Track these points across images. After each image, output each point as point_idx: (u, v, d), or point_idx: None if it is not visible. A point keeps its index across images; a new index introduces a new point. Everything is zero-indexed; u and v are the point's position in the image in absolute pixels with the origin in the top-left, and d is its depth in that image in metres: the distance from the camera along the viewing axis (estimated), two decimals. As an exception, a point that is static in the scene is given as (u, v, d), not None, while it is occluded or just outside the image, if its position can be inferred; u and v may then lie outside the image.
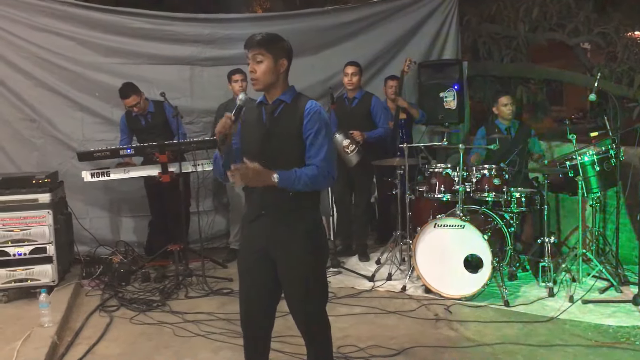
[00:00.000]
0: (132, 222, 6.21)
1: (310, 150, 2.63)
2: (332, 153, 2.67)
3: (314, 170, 2.59)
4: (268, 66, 2.61)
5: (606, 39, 7.72)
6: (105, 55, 6.03)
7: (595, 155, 4.76)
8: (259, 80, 2.62)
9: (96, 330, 4.24)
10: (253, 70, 2.61)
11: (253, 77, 2.62)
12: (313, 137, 2.62)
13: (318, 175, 2.59)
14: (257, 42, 2.60)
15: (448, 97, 6.50)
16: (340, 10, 6.66)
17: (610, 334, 3.92)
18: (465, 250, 4.55)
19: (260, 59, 2.60)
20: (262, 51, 2.60)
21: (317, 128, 2.62)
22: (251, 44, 2.61)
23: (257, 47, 2.60)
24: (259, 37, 2.62)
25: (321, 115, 2.66)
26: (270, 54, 2.61)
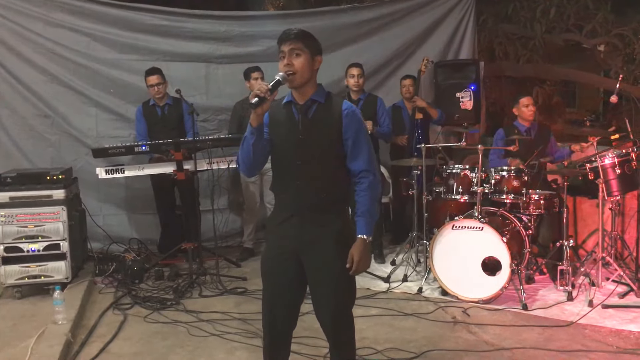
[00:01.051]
0: (145, 220, 6.18)
1: (353, 153, 2.61)
2: (373, 153, 2.67)
3: (366, 190, 2.62)
4: (306, 61, 2.55)
5: (624, 40, 7.63)
6: (120, 51, 6.03)
7: (616, 158, 4.68)
8: (297, 74, 2.53)
9: (110, 328, 4.21)
10: (290, 64, 2.52)
11: (290, 70, 2.52)
12: (354, 139, 2.59)
13: (372, 191, 2.63)
14: (295, 36, 2.53)
15: (465, 97, 6.44)
16: (356, 9, 6.62)
17: (632, 340, 3.85)
18: (483, 252, 4.49)
19: (298, 52, 2.53)
20: (301, 46, 2.53)
21: (356, 129, 2.60)
22: (288, 38, 2.54)
23: (295, 41, 2.53)
24: (296, 31, 2.55)
25: (359, 116, 2.63)
26: (308, 50, 2.56)
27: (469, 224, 4.54)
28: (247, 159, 2.66)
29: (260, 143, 2.61)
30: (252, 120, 2.53)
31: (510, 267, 4.37)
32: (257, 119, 2.52)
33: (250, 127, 2.56)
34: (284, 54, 2.55)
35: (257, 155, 2.62)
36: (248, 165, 2.69)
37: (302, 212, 2.64)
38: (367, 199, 2.61)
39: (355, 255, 2.55)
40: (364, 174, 2.62)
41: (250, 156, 2.62)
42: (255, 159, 2.64)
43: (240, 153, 2.68)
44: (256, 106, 2.45)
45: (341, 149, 2.62)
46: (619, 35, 7.54)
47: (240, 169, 2.77)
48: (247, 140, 2.61)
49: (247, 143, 2.61)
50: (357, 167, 2.62)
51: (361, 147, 2.62)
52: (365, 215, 2.60)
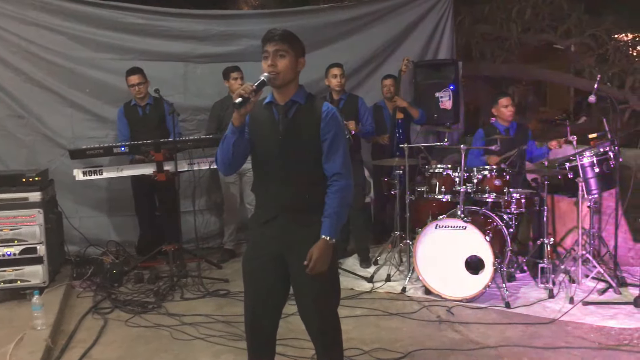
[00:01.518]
0: (123, 221, 6.07)
1: (328, 155, 2.59)
2: (348, 157, 2.64)
3: (336, 192, 2.59)
4: (290, 62, 2.54)
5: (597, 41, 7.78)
6: (96, 50, 5.91)
7: (595, 157, 4.76)
8: (280, 74, 2.52)
9: (90, 333, 4.13)
10: (274, 64, 2.51)
11: (273, 71, 2.51)
12: (331, 141, 2.58)
13: (343, 194, 2.60)
14: (280, 37, 2.52)
15: (444, 97, 6.47)
16: (335, 8, 6.60)
17: (613, 336, 3.91)
18: (466, 251, 4.52)
19: (282, 53, 2.52)
20: (285, 47, 2.52)
21: (334, 132, 2.58)
22: (273, 38, 2.52)
23: (281, 42, 2.52)
24: (281, 31, 2.54)
25: (338, 118, 2.62)
26: (292, 51, 2.54)
27: (452, 223, 4.56)
28: (226, 158, 2.63)
29: (241, 142, 2.59)
30: (235, 120, 2.51)
31: (493, 265, 4.40)
32: (240, 118, 2.50)
33: (232, 126, 2.54)
34: (267, 54, 2.53)
35: (236, 154, 2.60)
36: (227, 164, 2.66)
37: (285, 212, 2.62)
38: (336, 201, 2.58)
39: (314, 253, 2.52)
40: (337, 177, 2.60)
41: (229, 155, 2.60)
42: (235, 158, 2.61)
43: (220, 151, 2.65)
44: (240, 106, 2.43)
45: (320, 149, 2.60)
46: (593, 35, 7.69)
47: (218, 167, 2.74)
48: (228, 139, 2.58)
49: (227, 142, 2.59)
50: (331, 169, 2.61)
51: (337, 150, 2.60)
52: (332, 216, 2.57)
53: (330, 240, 2.55)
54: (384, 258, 5.42)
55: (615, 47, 7.54)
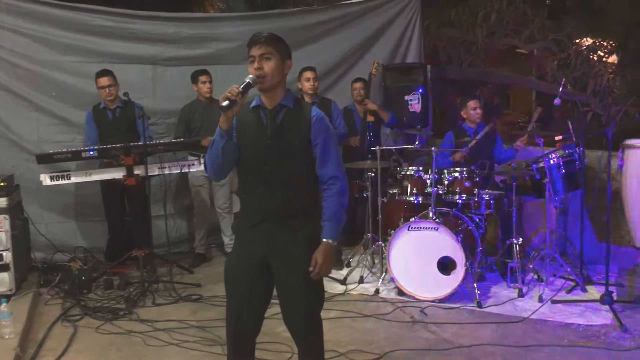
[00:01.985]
0: (91, 227, 5.95)
1: (322, 160, 2.60)
2: (341, 159, 2.67)
3: (334, 195, 2.61)
4: (277, 65, 2.53)
5: (559, 45, 7.97)
6: (63, 53, 5.79)
7: (561, 159, 4.88)
8: (267, 77, 2.50)
9: (60, 341, 4.04)
10: (260, 67, 2.50)
11: (260, 74, 2.49)
12: (322, 145, 2.59)
13: (341, 196, 2.62)
14: (265, 40, 2.51)
15: (413, 100, 6.55)
16: (305, 12, 6.63)
17: (581, 332, 4.02)
18: (438, 252, 4.58)
19: (269, 56, 2.51)
20: (271, 50, 2.51)
21: (324, 136, 2.60)
22: (259, 41, 2.51)
23: (267, 45, 2.51)
24: (267, 34, 2.53)
25: (327, 122, 2.64)
26: (279, 54, 2.54)
27: (424, 224, 4.62)
28: (216, 163, 2.61)
29: (230, 146, 2.57)
30: (222, 123, 2.49)
31: (465, 266, 4.47)
32: (227, 122, 2.49)
33: (220, 130, 2.52)
34: (253, 58, 2.52)
35: (226, 158, 2.58)
36: (216, 170, 2.64)
37: (271, 217, 2.62)
38: (335, 204, 2.61)
39: (319, 258, 2.54)
40: (333, 180, 2.62)
41: (219, 160, 2.58)
42: (225, 162, 2.59)
43: (209, 157, 2.63)
44: (227, 109, 2.42)
45: (310, 154, 2.61)
46: (555, 40, 7.87)
47: (207, 173, 2.71)
48: (217, 144, 2.56)
49: (216, 147, 2.56)
50: (326, 173, 2.62)
51: (330, 154, 2.62)
52: (332, 219, 2.60)
53: (332, 243, 2.58)
54: (356, 260, 5.46)
55: (577, 52, 7.74)
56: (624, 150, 4.26)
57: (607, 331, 3.99)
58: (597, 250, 5.51)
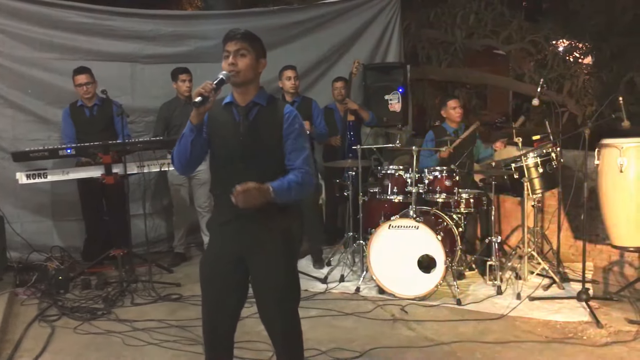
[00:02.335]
0: (68, 226, 5.87)
1: (290, 155, 2.59)
2: (311, 157, 2.66)
3: (299, 176, 2.56)
4: (251, 61, 2.54)
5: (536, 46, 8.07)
6: (39, 50, 5.70)
7: (539, 158, 4.94)
8: (241, 73, 2.51)
9: (38, 341, 3.98)
10: (234, 63, 2.50)
11: (233, 69, 2.50)
12: (293, 141, 2.59)
13: (304, 182, 2.57)
14: (241, 36, 2.52)
15: (393, 99, 6.59)
16: (285, 11, 6.62)
17: (559, 329, 4.07)
18: (419, 250, 4.61)
19: (244, 52, 2.51)
20: (247, 46, 2.52)
21: (296, 133, 2.60)
22: (234, 37, 2.52)
23: (242, 41, 2.51)
24: (243, 31, 2.54)
25: (299, 119, 2.65)
26: (254, 51, 2.55)
27: (404, 223, 4.64)
28: (183, 157, 2.60)
29: (199, 141, 2.56)
30: (193, 118, 2.50)
31: (445, 264, 4.50)
32: (199, 117, 2.49)
33: (190, 124, 2.52)
34: (228, 53, 2.53)
35: (194, 153, 2.58)
36: (184, 163, 2.64)
37: (245, 213, 2.58)
38: (296, 179, 2.54)
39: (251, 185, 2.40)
40: (300, 170, 2.58)
41: (187, 154, 2.57)
42: (193, 157, 2.59)
43: (177, 150, 2.62)
44: (199, 105, 2.43)
45: (282, 151, 2.61)
46: (532, 41, 7.97)
47: (174, 167, 2.71)
48: (186, 138, 2.55)
49: (185, 140, 2.56)
50: (294, 164, 2.60)
51: (300, 150, 2.60)
52: (284, 181, 2.51)
53: (272, 191, 2.45)
54: (337, 259, 5.47)
55: (554, 53, 7.85)
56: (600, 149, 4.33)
57: (583, 327, 4.05)
58: (574, 248, 5.60)
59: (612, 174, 4.21)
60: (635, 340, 3.81)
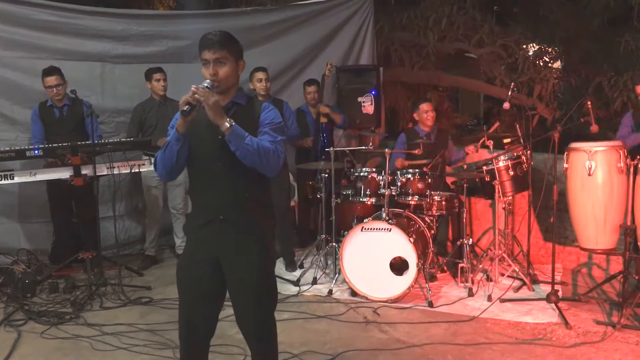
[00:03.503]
0: (35, 228, 5.73)
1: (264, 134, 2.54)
2: (283, 146, 2.59)
3: (267, 144, 2.49)
4: (231, 68, 2.51)
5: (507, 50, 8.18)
6: (4, 48, 5.55)
7: (509, 161, 5.00)
8: (222, 83, 2.49)
9: (3, 346, 3.88)
10: (215, 73, 2.47)
11: (214, 79, 2.47)
12: (267, 127, 2.56)
13: (270, 150, 2.47)
14: (219, 44, 2.46)
15: (366, 102, 6.60)
16: (258, 12, 6.58)
17: (529, 330, 4.12)
18: (391, 253, 4.61)
19: (223, 61, 2.48)
20: (225, 54, 2.48)
21: (271, 120, 2.58)
22: (211, 45, 2.47)
23: (220, 49, 2.47)
24: (219, 37, 2.49)
25: (277, 113, 2.63)
26: (233, 56, 2.51)
27: (377, 225, 4.64)
28: (169, 166, 2.56)
29: (185, 150, 2.54)
30: (180, 127, 2.46)
31: (417, 266, 4.52)
32: (186, 125, 2.46)
33: (177, 133, 2.48)
34: (207, 63, 2.49)
35: (180, 161, 2.55)
36: (169, 171, 2.60)
37: (222, 216, 2.58)
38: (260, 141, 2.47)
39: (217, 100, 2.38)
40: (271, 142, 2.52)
41: (173, 162, 2.54)
42: (178, 164, 2.56)
43: (162, 158, 2.57)
44: (187, 114, 2.39)
45: None
46: (503, 45, 8.08)
47: (158, 173, 2.66)
48: (172, 147, 2.51)
49: (171, 149, 2.52)
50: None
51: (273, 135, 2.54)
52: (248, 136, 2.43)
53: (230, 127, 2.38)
54: (309, 261, 5.45)
55: (524, 57, 7.97)
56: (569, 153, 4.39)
57: (553, 329, 4.10)
58: (543, 250, 5.68)
59: (580, 177, 4.26)
60: (602, 340, 3.87)
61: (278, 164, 2.52)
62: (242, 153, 2.43)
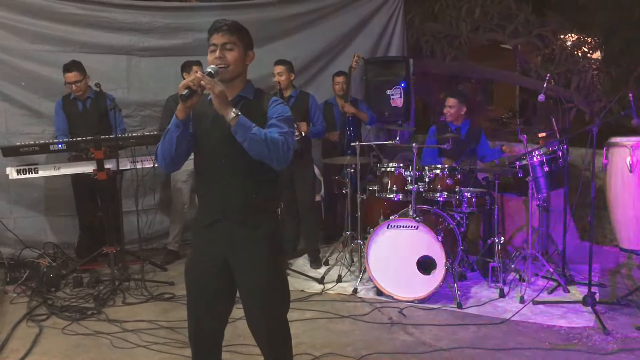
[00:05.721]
0: (62, 222, 5.76)
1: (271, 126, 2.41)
2: (293, 137, 2.46)
3: (276, 135, 2.36)
4: (239, 55, 2.41)
5: (544, 41, 7.89)
6: (32, 41, 5.59)
7: (544, 156, 4.78)
8: (229, 67, 2.39)
9: (24, 342, 3.86)
10: (222, 57, 2.37)
11: (222, 63, 2.37)
12: (276, 120, 2.43)
13: (278, 141, 2.33)
14: (228, 29, 2.38)
15: (395, 94, 6.43)
16: (286, 3, 6.45)
17: (563, 335, 3.92)
18: (418, 251, 4.46)
19: (230, 46, 2.38)
20: (234, 39, 2.39)
21: (279, 113, 2.45)
22: (221, 29, 2.38)
23: (229, 34, 2.38)
24: (229, 22, 2.40)
25: (285, 107, 2.50)
26: (242, 43, 2.42)
27: (404, 222, 4.49)
28: (167, 153, 2.46)
29: (185, 137, 2.43)
30: (179, 112, 2.36)
31: (445, 265, 4.35)
32: (185, 111, 2.35)
33: (176, 119, 2.38)
34: (215, 46, 2.39)
35: (179, 149, 2.44)
36: (168, 160, 2.49)
37: (230, 214, 2.48)
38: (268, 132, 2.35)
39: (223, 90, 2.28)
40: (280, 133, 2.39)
41: (172, 150, 2.43)
42: (178, 153, 2.45)
43: (161, 146, 2.48)
44: (186, 98, 2.28)
45: None
46: (539, 35, 7.79)
47: (158, 163, 2.57)
48: (171, 133, 2.42)
49: (170, 136, 2.42)
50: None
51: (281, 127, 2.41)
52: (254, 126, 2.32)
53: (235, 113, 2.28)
54: (334, 258, 5.32)
55: (561, 48, 7.66)
56: (608, 148, 4.16)
57: (589, 334, 3.90)
58: (580, 250, 5.44)
59: (620, 173, 4.05)
60: (642, 347, 3.65)
61: (287, 155, 2.38)
62: (250, 144, 2.30)
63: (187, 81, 2.27)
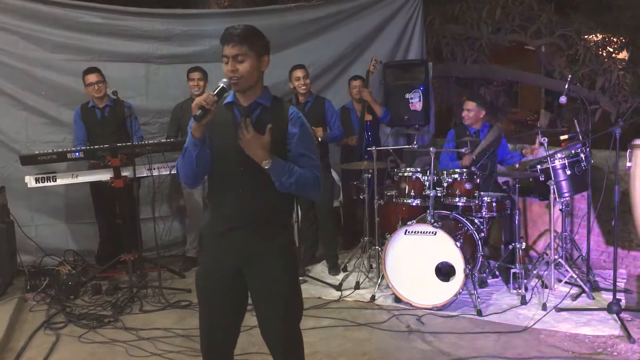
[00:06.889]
0: (81, 230, 5.80)
1: (300, 159, 2.42)
2: (318, 161, 2.47)
3: (306, 172, 2.39)
4: (252, 65, 2.35)
5: (567, 41, 7.72)
6: (52, 51, 5.64)
7: (566, 159, 4.66)
8: (242, 79, 2.34)
9: (41, 350, 3.88)
10: (234, 69, 2.32)
11: (234, 76, 2.33)
12: (298, 143, 2.41)
13: (310, 179, 2.39)
14: (238, 39, 2.31)
15: (414, 98, 6.34)
16: (303, 8, 6.41)
17: (587, 344, 3.80)
18: (436, 257, 4.37)
19: (242, 58, 2.32)
20: (245, 49, 2.32)
21: (302, 135, 2.42)
22: (231, 40, 2.32)
23: (240, 44, 2.32)
24: (239, 31, 2.33)
25: (304, 121, 2.46)
26: (253, 52, 2.35)
27: (422, 228, 4.41)
28: (190, 171, 2.44)
29: (204, 154, 2.40)
30: (195, 132, 2.33)
31: (464, 272, 4.26)
32: (200, 129, 2.32)
33: (192, 138, 2.34)
34: (227, 58, 2.34)
35: (200, 166, 2.41)
36: (191, 178, 2.48)
37: (245, 223, 2.44)
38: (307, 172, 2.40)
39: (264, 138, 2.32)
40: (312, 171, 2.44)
41: (193, 168, 2.41)
42: (199, 170, 2.43)
43: (182, 165, 2.45)
44: (200, 118, 2.27)
45: (285, 156, 2.42)
46: (563, 36, 7.62)
47: (182, 181, 2.55)
48: (190, 152, 2.39)
49: (189, 155, 2.39)
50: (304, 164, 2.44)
51: (308, 154, 2.43)
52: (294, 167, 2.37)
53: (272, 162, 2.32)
54: (353, 264, 5.26)
55: (586, 48, 7.48)
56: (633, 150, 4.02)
57: (614, 342, 3.78)
58: (605, 255, 5.28)
59: (645, 176, 3.90)
60: (670, 357, 3.52)
61: (318, 190, 2.45)
62: (280, 187, 2.38)
63: (200, 100, 2.25)
